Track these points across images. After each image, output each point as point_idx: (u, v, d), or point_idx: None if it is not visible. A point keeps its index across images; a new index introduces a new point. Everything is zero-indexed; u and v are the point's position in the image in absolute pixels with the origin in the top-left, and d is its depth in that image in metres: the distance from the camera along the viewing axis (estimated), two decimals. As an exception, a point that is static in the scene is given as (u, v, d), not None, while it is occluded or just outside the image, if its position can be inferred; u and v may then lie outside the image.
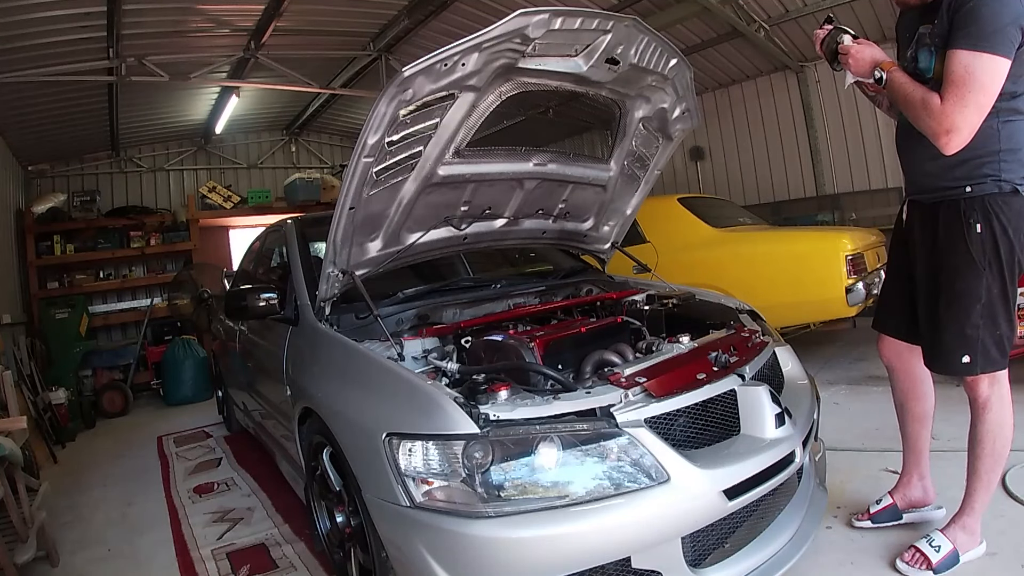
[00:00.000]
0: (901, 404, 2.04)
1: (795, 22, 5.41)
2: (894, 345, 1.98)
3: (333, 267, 2.03)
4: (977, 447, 1.77)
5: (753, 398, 1.66)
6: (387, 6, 5.02)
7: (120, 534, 2.80)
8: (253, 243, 3.93)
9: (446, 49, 1.63)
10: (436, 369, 1.78)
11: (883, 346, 2.03)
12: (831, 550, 1.95)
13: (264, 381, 2.77)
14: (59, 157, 6.98)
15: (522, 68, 1.88)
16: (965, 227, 1.66)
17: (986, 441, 1.75)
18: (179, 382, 5.83)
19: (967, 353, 1.68)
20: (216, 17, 4.68)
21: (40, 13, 3.86)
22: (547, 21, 1.71)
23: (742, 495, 1.51)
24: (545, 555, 1.36)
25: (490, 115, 2.01)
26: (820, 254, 3.87)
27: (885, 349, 2.02)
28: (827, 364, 4.27)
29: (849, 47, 1.71)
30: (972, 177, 1.65)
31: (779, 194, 6.78)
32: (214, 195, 7.34)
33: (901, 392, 2.03)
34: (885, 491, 2.09)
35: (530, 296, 2.54)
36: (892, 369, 2.03)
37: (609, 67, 2.00)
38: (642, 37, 1.96)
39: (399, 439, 1.48)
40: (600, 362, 1.83)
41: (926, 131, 1.58)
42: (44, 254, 6.36)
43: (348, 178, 1.82)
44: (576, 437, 1.44)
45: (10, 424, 2.48)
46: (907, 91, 1.61)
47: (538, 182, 2.38)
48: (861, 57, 1.70)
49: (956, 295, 1.69)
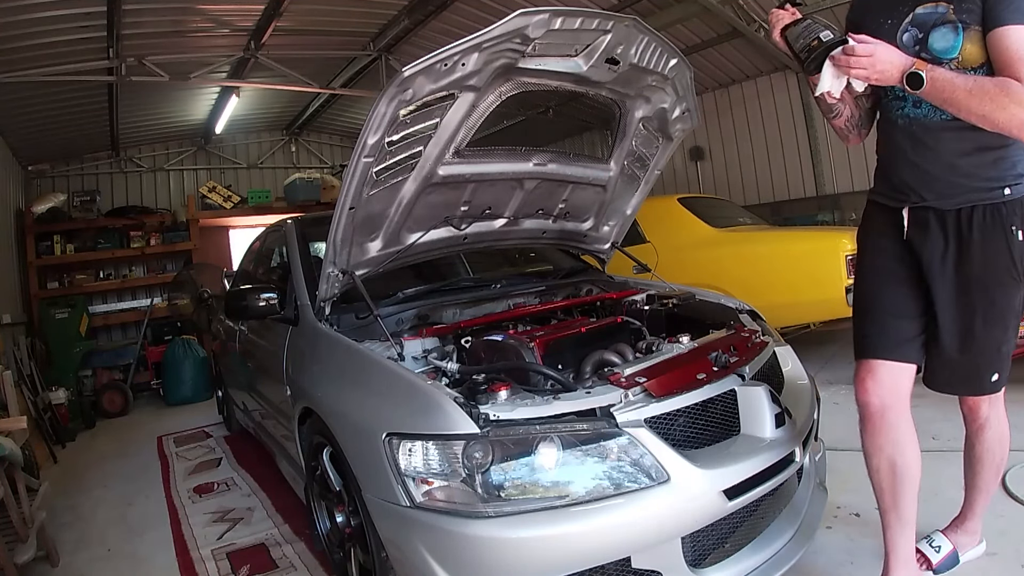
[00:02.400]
0: (902, 467, 1.57)
1: (795, 22, 5.41)
2: (892, 376, 1.57)
3: (333, 267, 2.03)
4: (976, 464, 1.72)
5: (753, 398, 1.66)
6: (387, 6, 5.02)
7: (120, 534, 2.80)
8: (253, 243, 3.93)
9: (446, 49, 1.62)
10: (436, 369, 1.78)
11: (876, 381, 1.58)
12: (831, 550, 1.95)
13: (264, 381, 2.76)
14: (59, 157, 6.98)
15: (522, 68, 1.88)
16: (1007, 235, 1.45)
17: (985, 458, 1.70)
18: (179, 382, 5.83)
19: (997, 371, 1.52)
20: (216, 17, 4.68)
21: (40, 13, 3.86)
22: (547, 21, 1.71)
23: (742, 495, 1.50)
24: (545, 555, 1.36)
25: (490, 115, 2.01)
26: (820, 254, 3.87)
27: (879, 386, 1.57)
28: (827, 364, 4.27)
29: (857, 50, 1.37)
30: (1008, 178, 1.45)
31: (779, 194, 6.78)
32: (214, 195, 7.34)
33: (902, 443, 1.57)
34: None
35: (530, 296, 2.54)
36: (886, 411, 1.57)
37: (609, 67, 2.00)
38: (642, 37, 1.96)
39: (399, 439, 1.48)
40: (600, 362, 1.83)
41: (1008, 122, 1.30)
42: (44, 254, 6.36)
43: (348, 178, 1.82)
44: (576, 437, 1.44)
45: (10, 424, 2.48)
46: (968, 84, 1.32)
47: (538, 182, 2.38)
48: (885, 62, 1.37)
49: (999, 312, 1.47)
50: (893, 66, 1.36)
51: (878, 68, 1.37)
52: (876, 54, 1.37)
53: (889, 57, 1.37)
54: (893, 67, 1.36)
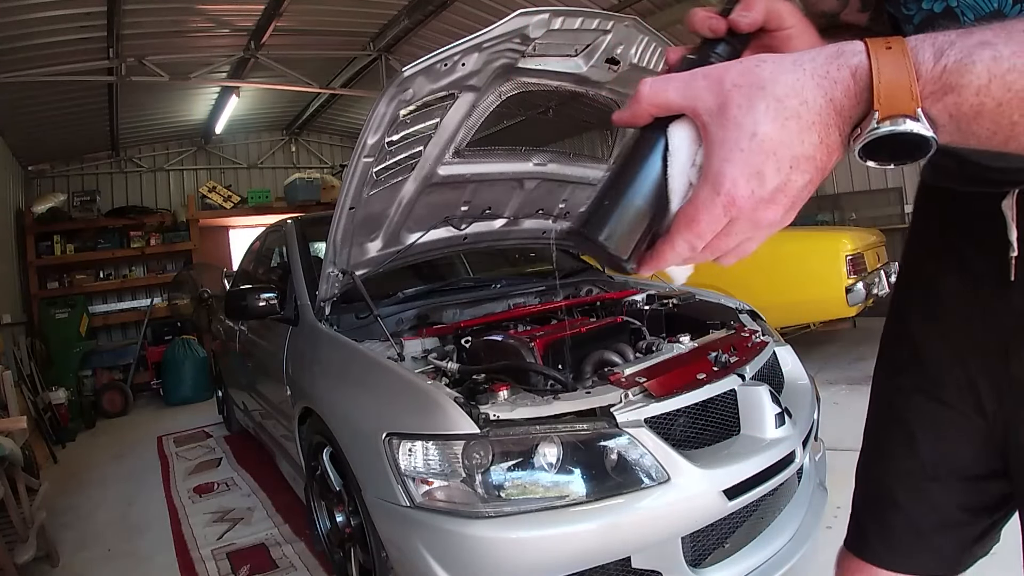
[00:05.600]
0: None
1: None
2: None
3: (333, 267, 2.03)
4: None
5: (753, 398, 1.66)
6: (387, 6, 5.02)
7: (120, 534, 2.80)
8: (253, 243, 3.93)
9: (446, 49, 1.62)
10: (436, 369, 1.77)
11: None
12: (831, 550, 1.95)
13: (264, 381, 2.77)
14: (59, 157, 6.98)
15: (522, 68, 1.88)
16: None
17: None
18: (179, 382, 5.83)
19: None
20: (216, 17, 4.67)
21: (40, 13, 3.86)
22: (547, 21, 1.70)
23: (742, 495, 1.50)
24: (545, 555, 1.36)
25: (490, 115, 2.01)
26: (820, 254, 3.87)
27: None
28: (827, 364, 4.27)
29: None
30: None
31: (779, 194, 6.77)
32: (214, 195, 7.34)
33: None
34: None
35: (530, 296, 2.54)
36: None
37: (609, 67, 2.00)
38: (642, 37, 1.95)
39: (399, 439, 1.48)
40: (600, 362, 1.83)
41: None
42: (44, 254, 6.36)
43: (348, 178, 1.82)
44: (576, 437, 1.44)
45: (10, 424, 2.48)
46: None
47: (538, 182, 2.38)
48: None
49: None
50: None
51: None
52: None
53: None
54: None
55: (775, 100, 0.38)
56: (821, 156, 0.39)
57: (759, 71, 0.39)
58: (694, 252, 0.44)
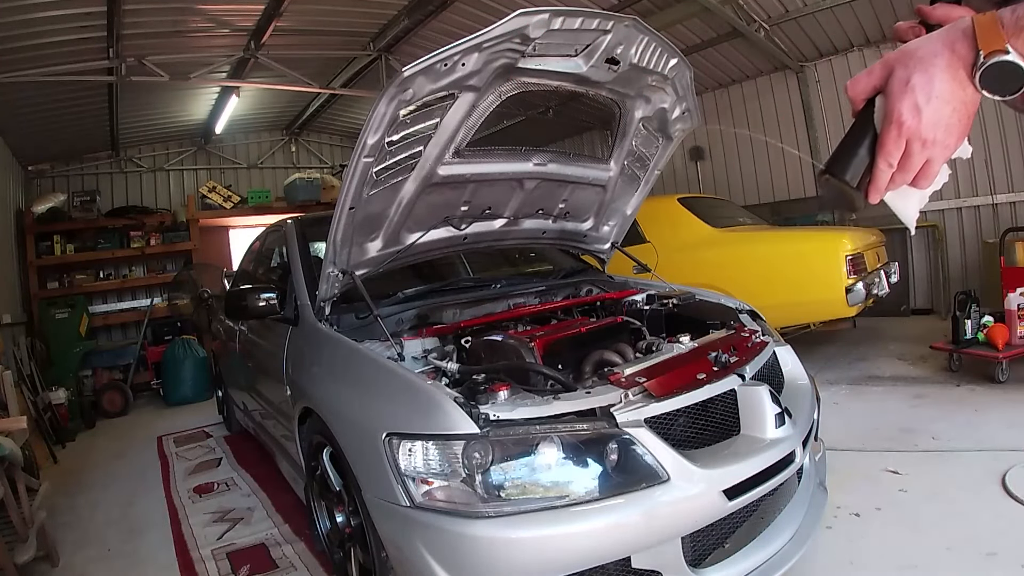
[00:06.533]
0: None
1: (795, 22, 5.41)
2: None
3: (333, 267, 2.03)
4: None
5: (753, 398, 1.66)
6: (387, 6, 5.02)
7: (120, 534, 2.80)
8: (253, 243, 3.93)
9: (446, 49, 1.62)
10: (436, 369, 1.78)
11: None
12: (831, 550, 1.95)
13: (264, 381, 2.77)
14: (59, 157, 6.98)
15: (522, 68, 1.88)
16: None
17: None
18: (179, 382, 5.83)
19: None
20: (216, 17, 4.68)
21: (40, 13, 3.86)
22: (547, 21, 1.71)
23: (742, 495, 1.50)
24: (545, 555, 1.36)
25: (490, 115, 2.01)
26: (820, 254, 3.87)
27: None
28: (827, 364, 4.27)
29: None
30: None
31: (779, 194, 6.78)
32: (214, 195, 7.34)
33: None
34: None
35: (530, 296, 2.54)
36: None
37: (609, 67, 2.00)
38: (642, 37, 1.96)
39: (399, 439, 1.48)
40: (600, 362, 1.83)
41: None
42: (44, 254, 6.37)
43: (348, 178, 1.82)
44: (576, 437, 1.44)
45: (10, 424, 2.48)
46: None
47: (538, 182, 2.38)
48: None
49: None
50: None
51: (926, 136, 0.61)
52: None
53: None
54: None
55: (919, 60, 0.60)
56: (956, 89, 0.59)
57: (909, 46, 0.62)
58: (891, 171, 0.63)
